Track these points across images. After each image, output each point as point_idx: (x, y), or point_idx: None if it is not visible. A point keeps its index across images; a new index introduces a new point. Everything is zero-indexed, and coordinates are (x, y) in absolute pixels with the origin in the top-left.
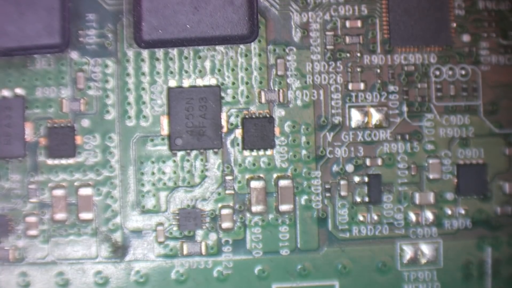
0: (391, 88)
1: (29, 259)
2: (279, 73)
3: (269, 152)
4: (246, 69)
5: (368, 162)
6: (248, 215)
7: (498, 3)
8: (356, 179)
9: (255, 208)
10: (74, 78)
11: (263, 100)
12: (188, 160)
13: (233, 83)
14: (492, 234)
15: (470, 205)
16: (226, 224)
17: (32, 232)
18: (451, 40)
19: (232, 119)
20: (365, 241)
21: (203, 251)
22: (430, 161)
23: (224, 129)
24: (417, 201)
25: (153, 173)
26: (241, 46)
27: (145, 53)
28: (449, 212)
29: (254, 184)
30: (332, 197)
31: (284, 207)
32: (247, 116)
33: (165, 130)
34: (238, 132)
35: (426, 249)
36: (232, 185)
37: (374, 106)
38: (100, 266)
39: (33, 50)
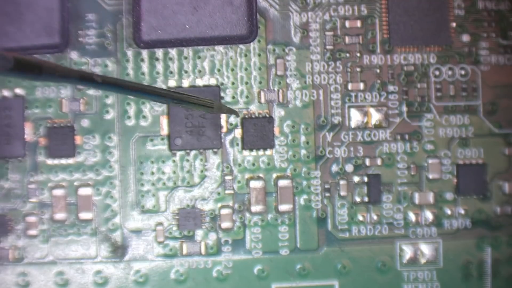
0: (391, 88)
1: (29, 259)
2: (279, 73)
3: (268, 152)
4: (246, 69)
5: (367, 162)
6: (247, 215)
7: (498, 3)
8: (356, 179)
9: (255, 208)
10: None
11: (262, 100)
12: (187, 160)
13: (233, 83)
14: (492, 234)
15: (470, 205)
16: (225, 224)
17: (32, 232)
18: (451, 40)
19: (232, 119)
20: (365, 241)
21: (203, 251)
22: (430, 161)
23: (224, 129)
24: (417, 201)
25: (152, 173)
26: (241, 46)
27: (144, 53)
28: (449, 212)
29: (254, 184)
30: (331, 197)
31: (283, 207)
32: (246, 116)
33: (164, 130)
34: (238, 132)
35: (426, 249)
36: (232, 185)
37: (374, 106)
38: (100, 266)
39: (32, 50)
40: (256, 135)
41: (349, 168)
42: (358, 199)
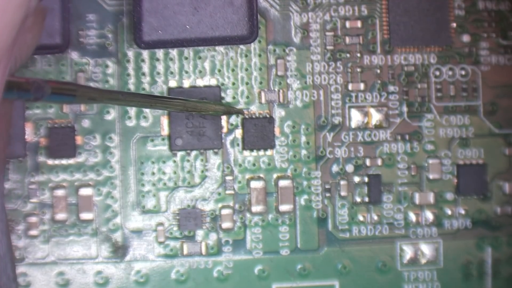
0: (391, 88)
1: (30, 259)
2: (279, 73)
3: (269, 152)
4: (246, 70)
5: (368, 162)
6: (248, 215)
7: (498, 3)
8: (356, 179)
9: (255, 208)
10: (74, 78)
11: (263, 100)
12: (188, 160)
13: (233, 84)
14: (492, 234)
15: (470, 205)
16: (226, 224)
17: (33, 232)
18: (451, 40)
19: (232, 119)
20: (365, 241)
21: (203, 251)
22: (430, 161)
23: (224, 129)
24: (417, 201)
25: (153, 173)
26: (241, 46)
27: (145, 53)
28: (449, 212)
29: (254, 184)
30: (332, 197)
31: (284, 207)
32: (247, 116)
33: (165, 130)
34: (238, 132)
35: (426, 249)
36: (232, 185)
37: (374, 106)
38: (101, 266)
39: (33, 51)
40: (256, 135)
41: (349, 168)
42: (358, 199)
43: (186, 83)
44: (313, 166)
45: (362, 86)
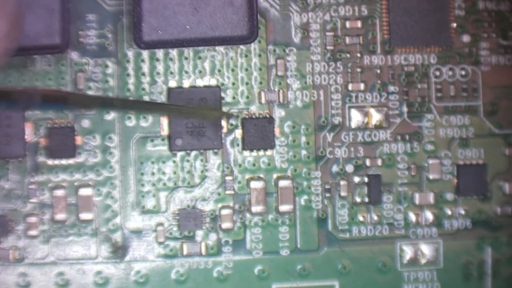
0: (391, 88)
1: (29, 259)
2: (279, 73)
3: (269, 152)
4: (246, 70)
5: (368, 162)
6: (248, 215)
7: (498, 4)
8: (356, 179)
9: (255, 209)
10: (74, 78)
11: (263, 101)
12: (188, 161)
13: (233, 84)
14: (492, 234)
15: (470, 205)
16: (226, 224)
17: (32, 232)
18: (451, 40)
19: (232, 119)
20: (365, 241)
21: (203, 251)
22: (430, 161)
23: (224, 130)
24: (417, 201)
25: (153, 174)
26: (241, 46)
27: (145, 53)
28: (449, 212)
29: (254, 184)
30: (332, 198)
31: (284, 208)
32: (247, 117)
33: (165, 131)
34: (238, 133)
35: (426, 249)
36: (232, 186)
37: (374, 106)
38: (100, 266)
39: (33, 51)
40: (256, 135)
41: (349, 168)
42: (358, 200)
43: (186, 83)
44: (313, 166)
45: (362, 86)
